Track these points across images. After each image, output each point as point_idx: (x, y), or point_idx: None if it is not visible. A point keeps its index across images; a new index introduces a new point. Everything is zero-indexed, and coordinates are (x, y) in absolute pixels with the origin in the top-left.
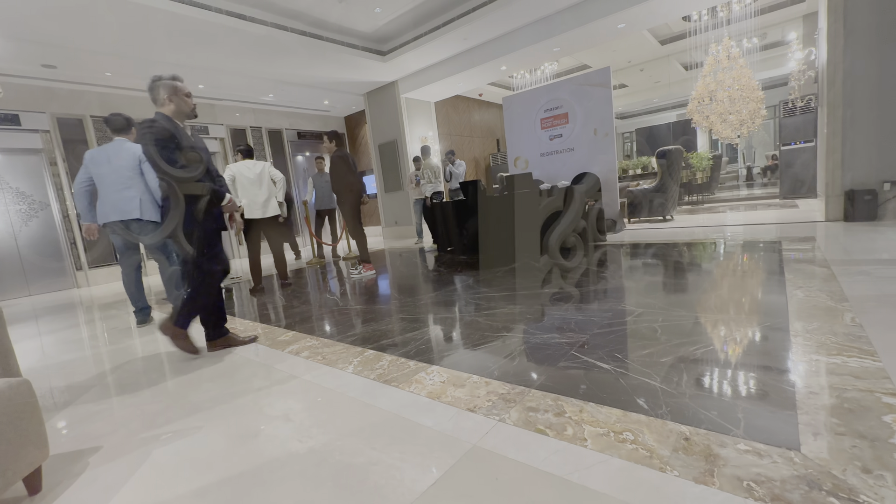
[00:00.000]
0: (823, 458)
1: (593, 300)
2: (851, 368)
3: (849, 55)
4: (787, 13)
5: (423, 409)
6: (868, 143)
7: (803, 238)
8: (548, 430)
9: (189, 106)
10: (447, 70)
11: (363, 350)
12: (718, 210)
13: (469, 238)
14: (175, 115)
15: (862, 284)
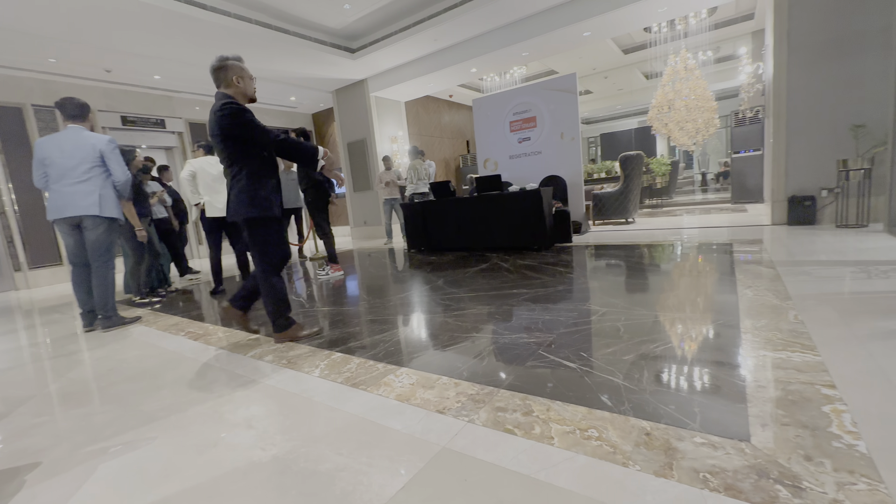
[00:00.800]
0: (771, 448)
1: (560, 300)
2: (795, 363)
3: (792, 71)
4: (738, 29)
5: (392, 411)
6: (808, 153)
7: (752, 240)
8: (516, 429)
9: (252, 90)
10: (417, 70)
11: (330, 353)
12: (676, 213)
13: (439, 238)
14: (238, 96)
15: (803, 284)
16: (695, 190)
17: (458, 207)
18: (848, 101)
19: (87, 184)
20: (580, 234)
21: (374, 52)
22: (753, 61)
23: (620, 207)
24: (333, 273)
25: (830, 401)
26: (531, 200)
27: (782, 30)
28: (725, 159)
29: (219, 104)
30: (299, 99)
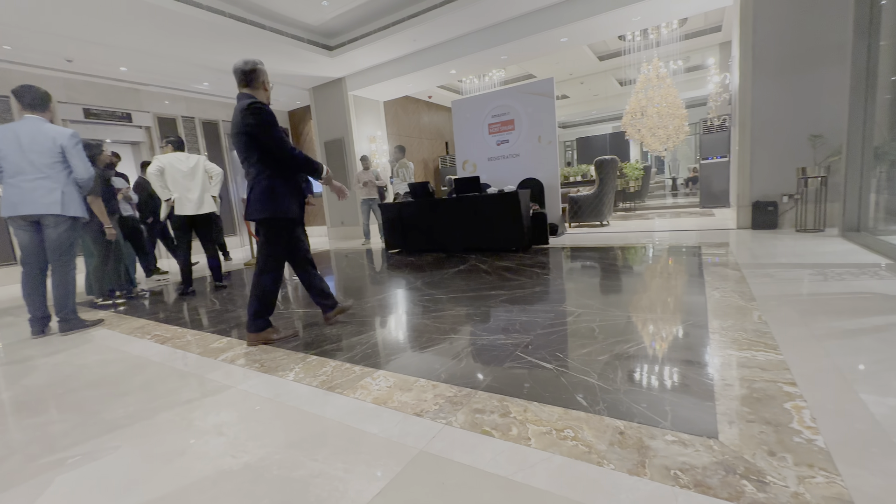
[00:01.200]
0: (737, 444)
1: (537, 301)
2: (759, 361)
3: (756, 82)
4: (707, 40)
5: (369, 415)
6: (770, 161)
7: (719, 244)
8: (494, 431)
9: (268, 98)
10: (396, 70)
11: (305, 356)
12: (648, 217)
13: (417, 239)
14: (262, 101)
15: (766, 285)
16: (666, 194)
17: (437, 208)
18: (807, 113)
19: (47, 180)
20: (557, 236)
21: (352, 51)
22: (721, 72)
23: (595, 210)
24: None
25: (792, 398)
26: (509, 202)
27: (747, 43)
28: (694, 165)
29: (245, 103)
30: (275, 96)
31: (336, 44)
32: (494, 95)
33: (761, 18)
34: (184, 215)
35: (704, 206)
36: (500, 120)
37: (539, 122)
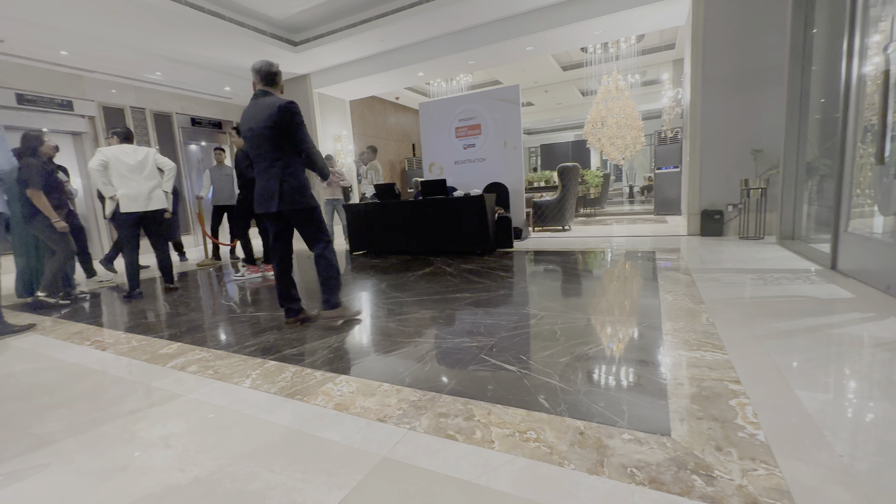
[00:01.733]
0: (687, 440)
1: (502, 304)
2: (707, 361)
3: (705, 98)
4: (662, 56)
5: (330, 422)
6: (718, 172)
7: (671, 249)
8: (458, 434)
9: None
10: (363, 69)
11: (263, 361)
12: (607, 222)
13: (383, 241)
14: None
15: (713, 289)
16: (623, 201)
17: (403, 210)
18: (750, 128)
19: None
20: (521, 240)
21: (318, 47)
22: (674, 87)
23: (558, 215)
24: (249, 274)
25: (736, 395)
26: (475, 206)
27: (697, 61)
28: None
29: (281, 101)
30: (234, 90)
31: (301, 39)
32: (462, 99)
33: (710, 39)
34: (131, 212)
35: (658, 214)
36: (467, 124)
37: (505, 127)
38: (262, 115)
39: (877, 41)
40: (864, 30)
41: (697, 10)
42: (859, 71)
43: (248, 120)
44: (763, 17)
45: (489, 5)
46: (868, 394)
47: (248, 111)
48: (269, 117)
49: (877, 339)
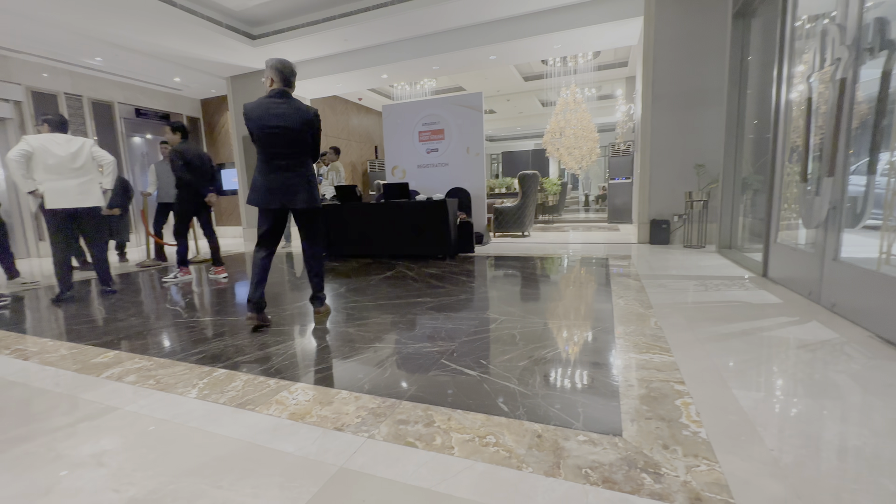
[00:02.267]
0: (637, 440)
1: (462, 309)
2: (655, 363)
3: (655, 115)
4: (616, 73)
5: (284, 433)
6: (665, 184)
7: (623, 256)
8: (417, 441)
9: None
10: (325, 68)
11: (212, 370)
12: (564, 229)
13: (343, 244)
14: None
15: (661, 294)
16: (579, 209)
17: (365, 213)
18: (694, 144)
19: None
20: (482, 245)
21: (277, 42)
22: (627, 102)
23: (518, 221)
24: (182, 276)
25: (681, 395)
26: (437, 210)
27: (648, 80)
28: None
29: (310, 108)
30: (186, 81)
31: (260, 33)
32: (426, 104)
33: (660, 60)
34: (59, 208)
35: (611, 222)
36: (431, 129)
37: (468, 133)
38: (294, 116)
39: (801, 71)
40: (791, 60)
41: (648, 32)
42: (787, 97)
43: (274, 118)
44: (706, 42)
45: (454, 12)
46: (793, 391)
47: (271, 109)
48: (304, 122)
49: (801, 341)
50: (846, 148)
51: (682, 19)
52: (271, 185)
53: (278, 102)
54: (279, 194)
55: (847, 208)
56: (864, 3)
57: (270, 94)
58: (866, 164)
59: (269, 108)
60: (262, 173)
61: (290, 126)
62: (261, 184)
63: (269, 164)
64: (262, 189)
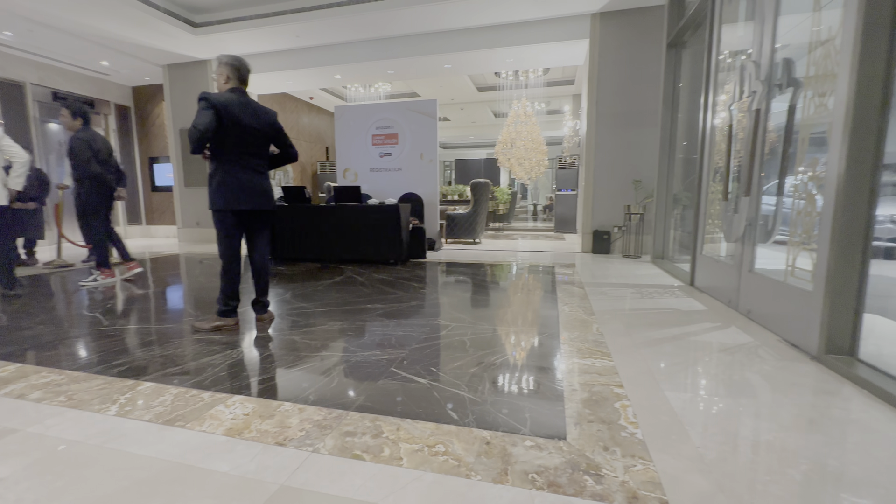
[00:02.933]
0: (580, 443)
1: (413, 315)
2: (597, 367)
3: (598, 132)
4: (564, 90)
5: (219, 450)
6: (607, 197)
7: (568, 264)
8: (365, 454)
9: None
10: (275, 64)
11: (136, 383)
12: (513, 237)
13: (289, 247)
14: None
15: (602, 301)
16: (528, 218)
17: (314, 216)
18: (632, 161)
19: None
20: (434, 251)
21: (222, 33)
22: (573, 118)
23: (469, 228)
24: (103, 279)
25: (620, 398)
26: (390, 215)
27: (593, 99)
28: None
29: (271, 110)
30: (115, 66)
31: (202, 21)
32: (380, 107)
33: (603, 80)
34: None
35: (558, 231)
36: (385, 133)
37: (422, 139)
38: (264, 118)
39: (724, 100)
40: (715, 89)
41: (593, 55)
42: (712, 122)
43: (250, 117)
44: (644, 68)
45: (409, 18)
46: (715, 391)
47: (240, 106)
48: (270, 124)
49: (722, 345)
50: (760, 171)
51: (624, 45)
52: (245, 185)
53: (248, 102)
54: (254, 195)
55: (760, 225)
56: (774, 43)
57: (235, 91)
58: (776, 185)
59: (244, 106)
60: (233, 173)
61: (263, 128)
62: (234, 184)
63: (242, 165)
64: (236, 189)
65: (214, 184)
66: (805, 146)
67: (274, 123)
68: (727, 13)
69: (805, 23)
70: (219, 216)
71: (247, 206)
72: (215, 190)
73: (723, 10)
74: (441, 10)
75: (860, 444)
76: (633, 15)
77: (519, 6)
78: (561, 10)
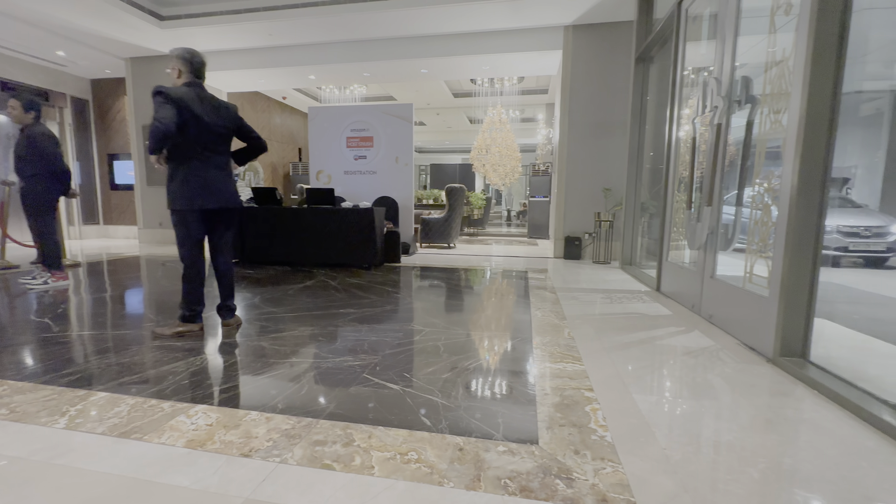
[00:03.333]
0: (552, 447)
1: (387, 320)
2: (568, 372)
3: (571, 141)
4: (538, 99)
5: (179, 463)
6: (578, 204)
7: (541, 270)
8: (335, 463)
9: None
10: (246, 62)
11: (89, 393)
12: (488, 242)
13: (259, 250)
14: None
15: (573, 306)
16: (502, 223)
17: (286, 218)
18: (602, 170)
19: None
20: (408, 255)
21: (191, 27)
22: (547, 127)
23: (444, 233)
24: (54, 282)
25: (590, 402)
26: (364, 218)
27: (565, 108)
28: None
29: (233, 104)
30: (72, 56)
31: (170, 14)
32: (355, 110)
33: (575, 91)
34: None
35: (531, 237)
36: (360, 135)
37: (397, 143)
38: (227, 114)
39: (687, 113)
40: (680, 103)
41: (566, 66)
42: (677, 135)
43: (213, 114)
44: (614, 80)
45: (386, 22)
46: (680, 393)
47: (198, 101)
48: (231, 119)
49: (686, 349)
50: (721, 182)
51: (595, 57)
52: (209, 183)
53: (207, 96)
54: (218, 194)
55: (721, 234)
56: (734, 62)
57: (191, 86)
58: (735, 196)
59: (203, 101)
60: (196, 171)
61: (224, 123)
62: (197, 182)
63: (206, 162)
64: (199, 188)
65: (176, 182)
66: (762, 160)
67: (235, 117)
68: (691, 31)
69: (762, 44)
70: (180, 216)
71: (212, 205)
72: (177, 188)
73: (687, 28)
74: (418, 16)
75: (811, 443)
76: (604, 29)
77: (495, 15)
78: (535, 21)
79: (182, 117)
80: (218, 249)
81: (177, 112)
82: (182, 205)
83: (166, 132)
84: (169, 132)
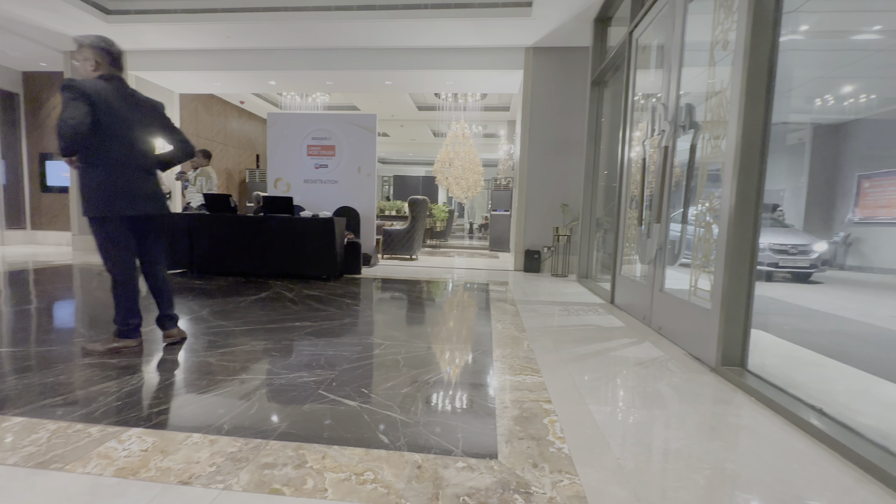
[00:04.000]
0: (511, 461)
1: (345, 333)
2: (527, 384)
3: (531, 157)
4: (500, 115)
5: (107, 494)
6: (538, 219)
7: (501, 282)
8: (285, 487)
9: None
10: (202, 63)
11: (1, 419)
12: (450, 254)
13: (210, 259)
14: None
15: (532, 318)
16: (464, 236)
17: (240, 226)
18: (561, 186)
19: None
20: (369, 267)
21: (140, 24)
22: (508, 143)
23: (407, 244)
24: None
25: (548, 414)
26: (324, 228)
27: (526, 125)
28: (486, 214)
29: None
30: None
31: (117, 9)
32: (317, 118)
33: (535, 110)
34: None
35: (492, 250)
36: (321, 144)
37: (360, 153)
38: (150, 110)
39: (638, 136)
40: (631, 126)
41: (527, 85)
42: (629, 155)
43: (134, 110)
44: (572, 101)
45: (349, 31)
46: (632, 403)
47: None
48: (155, 118)
49: (637, 360)
50: (668, 201)
51: (554, 79)
52: (128, 188)
53: (127, 91)
54: (140, 199)
55: (668, 249)
56: (679, 90)
57: (108, 79)
58: (681, 214)
59: (122, 96)
60: (114, 174)
61: (150, 122)
62: (114, 186)
63: (128, 164)
64: (117, 192)
65: (92, 186)
66: (704, 181)
67: (161, 116)
68: (641, 60)
69: (703, 75)
70: (98, 224)
71: (132, 212)
72: (93, 193)
73: (638, 56)
74: (382, 28)
75: (750, 448)
76: (562, 53)
77: (459, 33)
78: (498, 41)
79: (97, 114)
80: (149, 259)
81: (90, 109)
82: (99, 211)
83: (75, 132)
84: (79, 132)
